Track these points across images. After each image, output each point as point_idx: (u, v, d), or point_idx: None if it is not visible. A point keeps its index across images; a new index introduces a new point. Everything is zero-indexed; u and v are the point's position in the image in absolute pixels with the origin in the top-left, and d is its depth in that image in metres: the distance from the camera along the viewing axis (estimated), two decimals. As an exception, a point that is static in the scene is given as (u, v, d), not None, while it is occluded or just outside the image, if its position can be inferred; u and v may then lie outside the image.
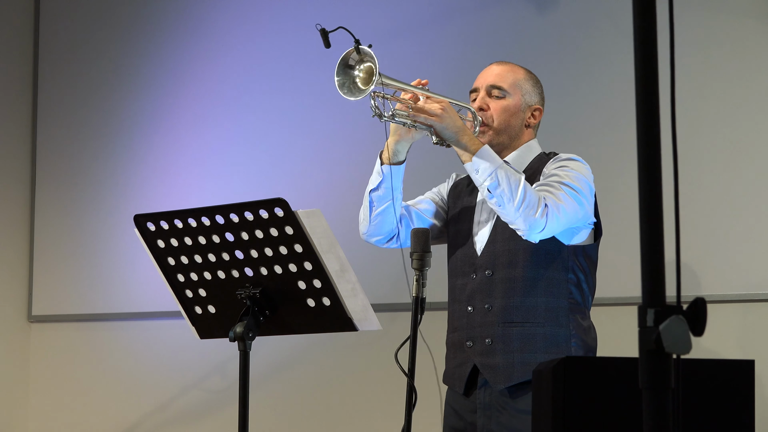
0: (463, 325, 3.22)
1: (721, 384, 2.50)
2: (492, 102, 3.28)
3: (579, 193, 3.12)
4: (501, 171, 3.06)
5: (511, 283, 3.16)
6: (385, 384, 4.58)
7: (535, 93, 3.33)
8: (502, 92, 3.28)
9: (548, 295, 3.15)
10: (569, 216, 3.10)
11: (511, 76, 3.31)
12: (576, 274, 3.18)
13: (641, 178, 1.54)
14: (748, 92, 4.04)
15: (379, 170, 3.23)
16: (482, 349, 3.17)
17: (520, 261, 3.15)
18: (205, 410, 5.06)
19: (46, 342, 5.42)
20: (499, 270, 3.18)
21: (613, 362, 2.82)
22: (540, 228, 3.05)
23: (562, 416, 2.36)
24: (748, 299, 4.01)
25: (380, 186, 3.23)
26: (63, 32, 5.47)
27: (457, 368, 3.24)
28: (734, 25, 4.08)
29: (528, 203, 3.02)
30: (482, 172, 3.07)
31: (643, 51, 1.54)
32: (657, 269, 1.52)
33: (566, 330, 3.15)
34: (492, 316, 3.17)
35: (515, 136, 3.29)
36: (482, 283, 3.19)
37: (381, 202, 3.24)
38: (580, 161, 3.21)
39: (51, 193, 5.42)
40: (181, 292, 3.06)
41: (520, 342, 3.14)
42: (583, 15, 4.34)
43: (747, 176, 4.02)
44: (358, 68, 3.10)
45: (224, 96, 5.09)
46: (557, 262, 3.16)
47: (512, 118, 3.28)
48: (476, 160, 3.09)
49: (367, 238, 3.33)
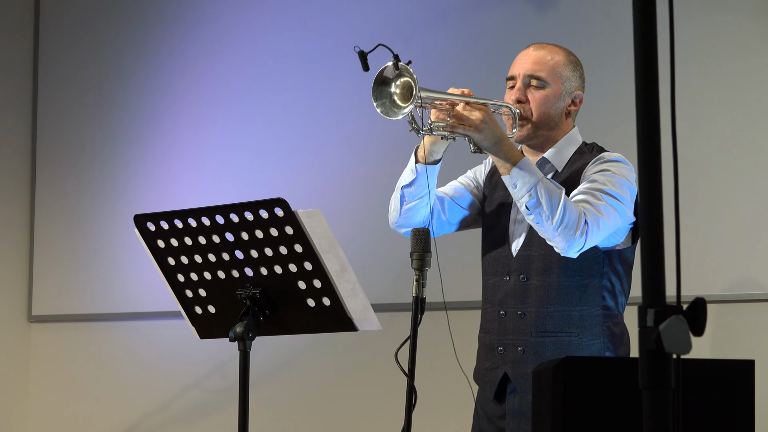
0: (495, 329, 3.15)
1: (721, 384, 2.50)
2: (531, 93, 3.14)
3: (621, 201, 3.01)
4: (540, 187, 2.94)
5: (545, 291, 3.07)
6: (385, 384, 4.58)
7: (575, 77, 3.20)
8: (541, 82, 3.14)
9: (582, 303, 3.07)
10: (609, 228, 3.01)
11: (550, 63, 3.15)
12: (610, 279, 3.10)
13: (641, 178, 1.54)
14: (748, 92, 4.04)
15: (413, 168, 3.11)
16: (514, 357, 3.10)
17: (555, 268, 3.07)
18: (205, 410, 5.06)
19: (46, 342, 5.42)
20: (534, 275, 3.09)
21: (613, 362, 2.82)
22: (579, 247, 2.96)
23: (562, 416, 2.36)
24: (748, 299, 4.01)
25: (413, 183, 3.12)
26: (63, 32, 5.47)
27: (488, 371, 3.17)
28: (734, 25, 4.08)
29: (567, 222, 2.92)
30: (521, 187, 2.96)
31: (643, 51, 1.54)
32: (657, 269, 1.52)
33: (600, 340, 3.08)
34: (525, 324, 3.09)
35: (555, 126, 3.16)
36: (516, 288, 3.11)
37: (413, 197, 3.13)
38: (622, 162, 3.10)
39: (51, 193, 5.42)
40: (181, 292, 3.06)
41: (553, 352, 3.06)
42: (583, 15, 4.34)
43: (747, 176, 4.02)
44: (394, 84, 2.98)
45: (224, 96, 5.09)
46: (592, 268, 3.07)
47: (552, 109, 3.14)
48: (515, 173, 2.97)
49: (396, 228, 3.23)
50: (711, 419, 2.47)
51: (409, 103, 2.91)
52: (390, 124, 4.69)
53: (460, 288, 4.13)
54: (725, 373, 2.55)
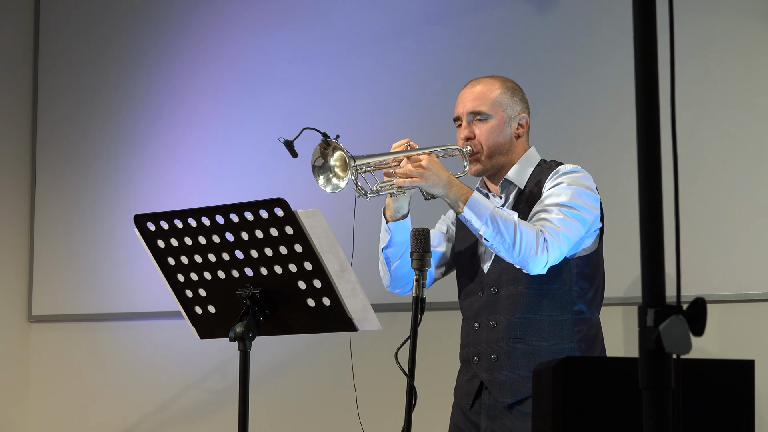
0: (471, 341, 3.25)
1: (721, 384, 2.50)
2: (477, 128, 3.26)
3: (579, 210, 3.11)
4: (494, 217, 3.05)
5: (515, 300, 3.17)
6: (385, 384, 4.58)
7: (516, 102, 3.31)
8: (484, 115, 3.26)
9: (552, 309, 3.16)
10: (571, 238, 3.09)
11: (487, 96, 3.28)
12: (580, 285, 3.18)
13: (641, 178, 1.54)
14: (748, 92, 4.04)
15: (386, 228, 3.26)
16: (488, 365, 3.19)
17: (524, 277, 3.15)
18: (205, 410, 5.06)
19: (46, 342, 5.42)
20: (504, 287, 3.19)
21: (613, 362, 2.82)
22: (542, 264, 3.05)
23: (562, 416, 2.36)
24: (748, 299, 4.01)
25: (391, 243, 3.25)
26: (63, 32, 5.47)
27: (466, 383, 3.26)
28: (734, 25, 4.08)
29: (526, 244, 3.03)
30: (475, 221, 3.07)
31: (643, 51, 1.54)
32: (657, 269, 1.52)
33: (570, 343, 3.16)
34: (497, 332, 3.18)
35: (507, 152, 3.27)
36: (488, 300, 3.21)
37: (396, 256, 3.27)
38: (576, 171, 3.19)
39: (51, 193, 5.42)
40: (181, 292, 3.06)
41: (525, 357, 3.14)
42: (583, 15, 4.34)
43: (747, 176, 4.02)
44: (332, 158, 3.13)
45: (224, 96, 5.08)
46: (561, 276, 3.16)
47: (500, 137, 3.26)
48: (467, 211, 3.08)
49: (393, 290, 3.38)
50: (711, 419, 2.47)
51: (347, 173, 3.06)
52: (391, 125, 4.70)
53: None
54: (725, 373, 2.55)
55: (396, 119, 4.66)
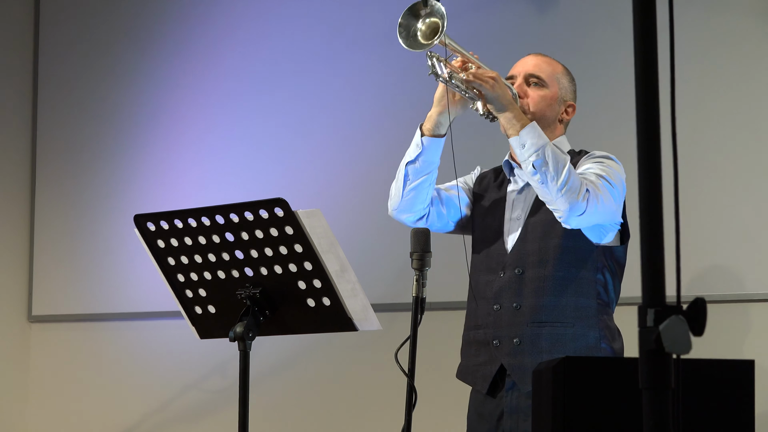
0: (489, 323, 3.16)
1: (721, 384, 2.50)
2: (530, 90, 3.23)
3: (615, 190, 3.08)
4: (548, 148, 3.01)
5: (541, 282, 3.11)
6: (385, 384, 4.58)
7: (571, 89, 3.29)
8: (541, 81, 3.23)
9: (578, 295, 3.10)
10: (606, 209, 3.05)
11: (549, 68, 3.27)
12: (604, 275, 3.14)
13: (641, 178, 1.54)
14: (748, 92, 4.04)
15: (418, 142, 3.16)
16: (510, 349, 3.12)
17: (551, 260, 3.10)
18: (205, 410, 5.06)
19: (46, 342, 5.42)
20: (529, 269, 3.12)
21: (613, 362, 2.83)
22: (580, 211, 3.00)
23: (562, 416, 2.36)
24: (748, 299, 4.01)
25: (418, 158, 3.16)
26: (63, 32, 5.47)
27: (481, 366, 3.18)
28: (734, 25, 4.08)
29: (571, 185, 2.97)
30: (529, 146, 3.02)
31: (643, 51, 1.54)
32: (657, 269, 1.52)
33: (596, 331, 3.11)
34: (521, 315, 3.11)
35: (547, 128, 3.20)
36: (511, 282, 3.14)
37: (417, 175, 3.17)
38: (615, 161, 3.17)
39: (51, 193, 5.42)
40: (181, 292, 3.06)
41: (550, 342, 3.09)
42: (583, 15, 4.34)
43: (747, 176, 4.02)
44: (423, 21, 3.05)
45: (224, 96, 5.08)
46: (587, 261, 3.11)
47: (548, 109, 3.23)
48: (523, 134, 3.04)
49: (397, 215, 3.27)
50: (711, 419, 2.47)
51: (435, 38, 2.99)
52: (391, 124, 4.70)
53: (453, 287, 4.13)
54: (725, 373, 2.55)
55: (396, 119, 4.66)
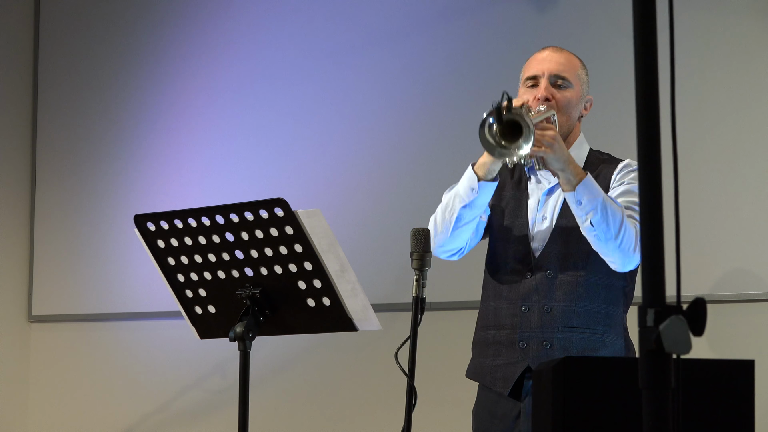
0: (515, 324, 3.11)
1: (721, 384, 2.50)
2: (557, 93, 3.14)
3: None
4: (605, 204, 2.95)
5: (573, 287, 3.07)
6: (385, 384, 4.58)
7: (587, 83, 3.22)
8: (566, 83, 3.15)
9: (608, 302, 3.08)
10: None
11: (571, 66, 3.17)
12: (628, 281, 3.12)
13: (641, 178, 1.54)
14: (748, 92, 4.04)
15: (475, 186, 3.04)
16: (539, 352, 3.08)
17: (581, 265, 3.07)
18: (205, 410, 5.06)
19: (46, 342, 5.42)
20: (561, 272, 3.08)
21: (613, 362, 2.82)
22: (635, 264, 2.99)
23: (562, 416, 2.36)
24: (748, 299, 4.01)
25: (474, 204, 3.07)
26: (63, 32, 5.47)
27: (501, 368, 3.13)
28: (734, 25, 4.08)
29: (627, 239, 2.94)
30: (586, 204, 2.95)
31: (643, 51, 1.54)
32: (657, 269, 1.52)
33: (622, 340, 3.09)
34: (551, 318, 3.07)
35: (571, 129, 3.18)
36: (541, 284, 3.09)
37: (469, 218, 3.10)
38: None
39: (51, 193, 5.42)
40: (181, 292, 3.06)
41: (580, 348, 3.05)
42: (583, 15, 4.34)
43: (747, 176, 4.02)
44: (497, 124, 2.89)
45: (224, 96, 5.09)
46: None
47: (573, 111, 3.16)
48: (580, 191, 2.96)
49: (442, 254, 3.19)
50: (711, 419, 2.47)
51: (524, 141, 2.85)
52: (391, 124, 4.70)
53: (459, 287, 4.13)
54: (725, 373, 2.55)
55: (396, 119, 4.66)
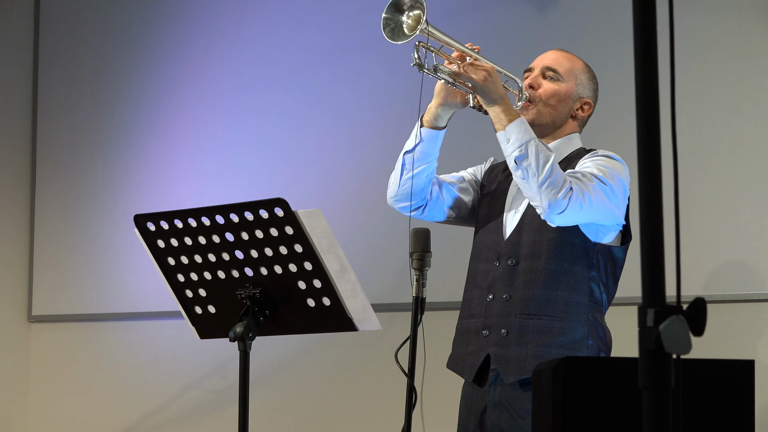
0: (481, 312, 3.15)
1: (721, 384, 2.50)
2: (544, 82, 3.23)
3: (609, 189, 3.05)
4: (532, 144, 3.01)
5: (533, 275, 3.09)
6: (385, 384, 4.58)
7: (589, 87, 3.28)
8: (556, 75, 3.24)
9: (569, 289, 3.09)
10: (594, 208, 3.02)
11: (568, 64, 3.27)
12: (599, 272, 3.12)
13: (641, 178, 1.54)
14: (748, 92, 4.04)
15: (417, 132, 3.17)
16: (497, 339, 3.10)
17: (544, 253, 3.09)
18: (205, 410, 5.06)
19: (46, 342, 5.42)
20: (523, 260, 3.11)
21: (613, 362, 2.82)
22: (560, 209, 2.98)
23: (562, 416, 2.36)
24: (748, 299, 4.01)
25: (416, 148, 3.17)
26: (63, 32, 5.47)
27: (469, 356, 3.17)
28: (734, 25, 4.08)
29: (553, 181, 2.97)
30: (513, 142, 3.02)
31: (643, 51, 1.54)
32: (657, 269, 1.52)
33: (584, 327, 3.09)
34: (510, 306, 3.10)
35: (559, 123, 3.23)
36: (504, 272, 3.12)
37: (414, 166, 3.18)
38: (618, 160, 3.15)
39: (51, 193, 5.42)
40: (181, 292, 3.06)
41: (536, 335, 3.07)
42: (583, 15, 4.34)
43: (747, 176, 4.02)
44: (407, 14, 3.05)
45: (224, 96, 5.09)
46: (581, 257, 3.09)
47: (560, 104, 3.22)
48: (509, 129, 3.03)
49: (394, 204, 3.27)
50: (711, 419, 2.47)
51: (416, 29, 2.99)
52: (391, 125, 4.70)
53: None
54: (725, 373, 2.55)
55: (396, 119, 4.66)
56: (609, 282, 3.16)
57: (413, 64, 3.03)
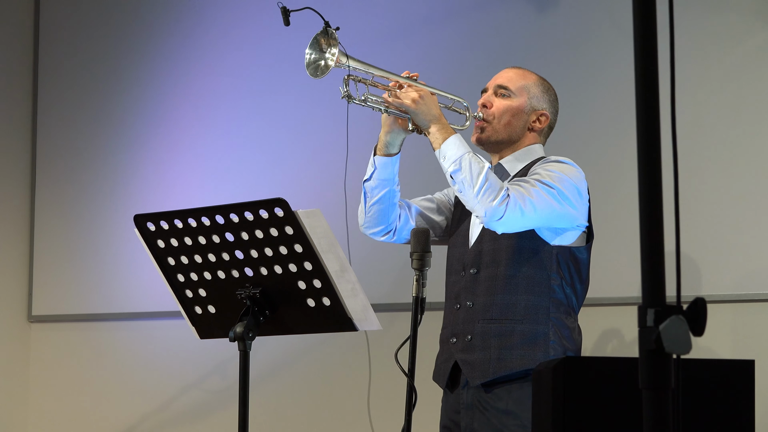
0: (450, 321, 3.27)
1: (721, 384, 2.51)
2: (496, 100, 3.31)
3: (557, 192, 3.11)
4: (466, 158, 3.10)
5: (493, 281, 3.18)
6: (385, 384, 4.58)
7: (544, 99, 3.35)
8: (508, 92, 3.31)
9: (529, 293, 3.16)
10: (539, 212, 3.09)
11: (519, 80, 3.34)
12: (561, 273, 3.18)
13: (641, 178, 1.54)
14: (748, 92, 4.04)
15: (371, 161, 3.31)
16: (463, 345, 3.21)
17: (503, 259, 3.17)
18: (205, 410, 5.06)
19: (46, 342, 5.42)
20: (484, 268, 3.21)
21: (613, 362, 2.83)
22: (498, 216, 3.05)
23: (562, 416, 2.36)
24: (748, 299, 4.01)
25: (372, 177, 3.30)
26: (63, 32, 5.47)
27: (442, 364, 3.29)
28: (734, 25, 4.08)
29: (487, 190, 3.05)
30: (448, 158, 3.12)
31: (643, 51, 1.54)
32: (657, 269, 1.52)
33: (545, 328, 3.15)
34: (473, 313, 3.20)
35: (516, 138, 3.31)
36: (468, 281, 3.23)
37: (374, 193, 3.31)
38: (568, 164, 3.21)
39: (51, 193, 5.42)
40: (181, 292, 3.06)
41: (498, 338, 3.15)
42: (583, 15, 4.34)
43: (747, 176, 4.02)
44: (329, 51, 3.20)
45: (224, 96, 5.08)
46: (539, 260, 3.17)
47: (514, 119, 3.30)
48: (444, 146, 3.13)
49: (365, 231, 3.40)
50: (711, 419, 2.47)
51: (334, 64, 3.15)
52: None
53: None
54: (725, 373, 2.55)
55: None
56: (575, 282, 3.22)
57: (342, 97, 3.17)
